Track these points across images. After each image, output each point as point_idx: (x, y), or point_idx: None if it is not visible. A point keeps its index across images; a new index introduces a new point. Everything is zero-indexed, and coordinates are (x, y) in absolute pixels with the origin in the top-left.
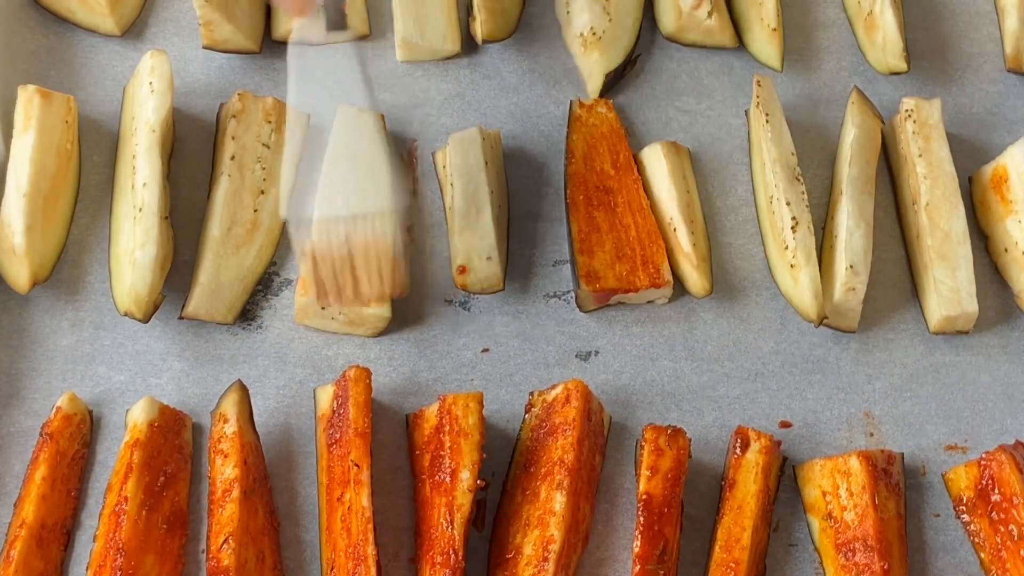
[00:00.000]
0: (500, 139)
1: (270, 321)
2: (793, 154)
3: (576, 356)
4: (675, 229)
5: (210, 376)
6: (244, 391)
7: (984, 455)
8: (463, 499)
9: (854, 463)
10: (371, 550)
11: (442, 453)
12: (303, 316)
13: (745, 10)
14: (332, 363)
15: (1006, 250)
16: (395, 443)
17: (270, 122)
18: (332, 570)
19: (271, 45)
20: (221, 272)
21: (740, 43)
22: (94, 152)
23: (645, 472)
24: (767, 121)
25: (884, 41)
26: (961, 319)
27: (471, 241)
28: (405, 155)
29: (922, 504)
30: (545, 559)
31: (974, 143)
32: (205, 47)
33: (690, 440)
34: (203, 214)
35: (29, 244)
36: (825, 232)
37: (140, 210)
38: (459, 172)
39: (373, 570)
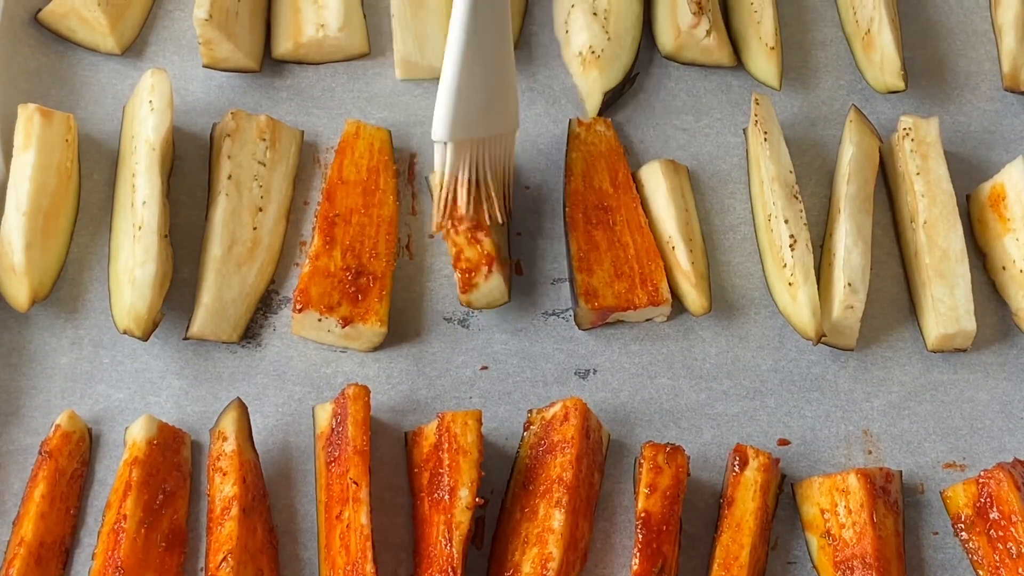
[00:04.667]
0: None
1: (269, 339)
2: (791, 172)
3: (575, 374)
4: (673, 247)
5: (209, 394)
6: (243, 409)
7: (982, 473)
8: (462, 517)
9: (852, 481)
10: (370, 568)
11: (441, 471)
12: (300, 328)
13: (743, 29)
14: (331, 381)
15: (1004, 268)
16: (394, 461)
17: (264, 140)
18: None
19: (271, 64)
20: (224, 291)
21: (738, 62)
22: (94, 170)
23: (644, 490)
24: (765, 139)
25: (882, 60)
26: (959, 337)
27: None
28: (405, 171)
29: (920, 522)
30: None
31: (972, 161)
32: (205, 66)
33: (688, 458)
34: (202, 232)
35: (29, 262)
36: (823, 250)
37: (140, 228)
38: None
39: None
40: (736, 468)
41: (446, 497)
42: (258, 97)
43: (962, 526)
